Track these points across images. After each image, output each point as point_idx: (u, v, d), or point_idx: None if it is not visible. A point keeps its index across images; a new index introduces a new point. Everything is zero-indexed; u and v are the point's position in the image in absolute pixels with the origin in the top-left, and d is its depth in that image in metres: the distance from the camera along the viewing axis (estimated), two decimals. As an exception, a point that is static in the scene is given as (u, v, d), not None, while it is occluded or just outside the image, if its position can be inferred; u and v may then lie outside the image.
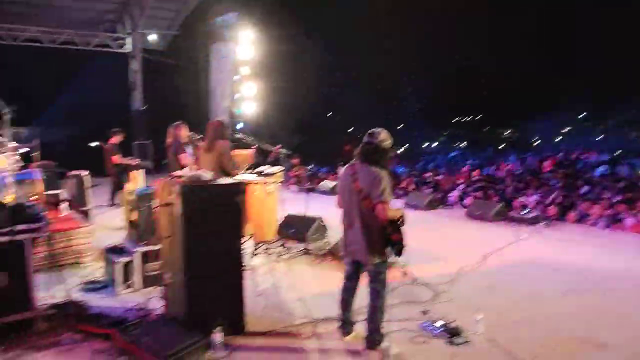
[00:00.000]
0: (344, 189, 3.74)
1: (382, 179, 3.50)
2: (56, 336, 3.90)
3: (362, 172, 3.59)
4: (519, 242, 7.22)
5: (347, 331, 3.88)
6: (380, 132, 3.66)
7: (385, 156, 3.66)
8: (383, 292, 3.68)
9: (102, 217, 8.62)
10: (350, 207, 3.67)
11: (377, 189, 3.48)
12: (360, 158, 3.66)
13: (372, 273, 3.67)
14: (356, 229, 3.64)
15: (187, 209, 3.70)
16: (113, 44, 18.90)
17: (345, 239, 3.79)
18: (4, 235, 3.81)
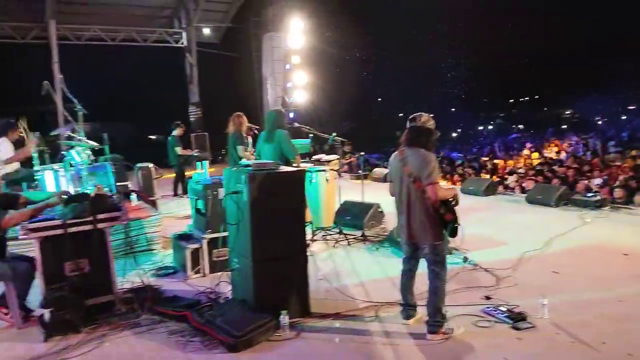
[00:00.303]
0: (395, 175, 3.81)
1: (430, 161, 3.58)
2: (135, 318, 4.19)
3: (410, 156, 3.67)
4: (583, 226, 7.00)
5: (409, 315, 3.95)
6: (422, 115, 3.76)
7: (430, 138, 3.73)
8: (442, 274, 3.71)
9: (167, 207, 9.04)
10: (403, 192, 3.74)
11: (426, 170, 3.55)
12: (406, 143, 3.75)
13: (429, 255, 3.72)
14: (410, 212, 3.71)
15: (255, 196, 3.87)
16: (170, 39, 19.51)
17: (400, 224, 3.86)
18: (87, 224, 4.12)
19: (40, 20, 16.93)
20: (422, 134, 3.70)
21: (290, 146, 5.71)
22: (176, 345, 3.69)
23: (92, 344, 3.74)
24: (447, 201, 3.65)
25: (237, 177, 4.07)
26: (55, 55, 16.54)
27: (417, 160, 3.62)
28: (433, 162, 3.59)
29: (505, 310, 4.02)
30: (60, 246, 4.04)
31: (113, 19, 18.06)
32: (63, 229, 4.02)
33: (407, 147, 3.73)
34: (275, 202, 3.96)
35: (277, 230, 3.98)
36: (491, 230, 6.98)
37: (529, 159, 15.16)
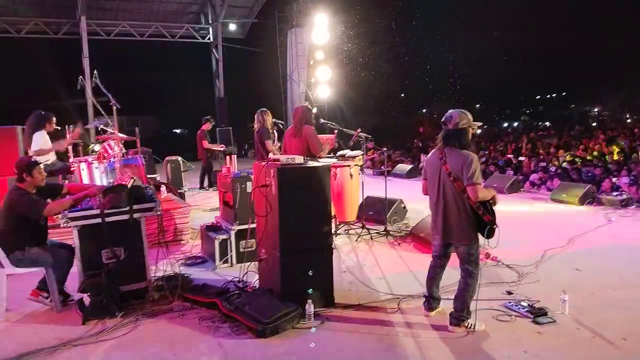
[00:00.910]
0: (433, 173, 3.81)
1: (473, 162, 3.55)
2: (167, 304, 4.38)
3: (450, 155, 3.66)
4: (608, 224, 6.98)
5: (432, 307, 4.05)
6: (453, 116, 3.70)
7: (466, 137, 3.71)
8: (475, 272, 3.76)
9: (194, 199, 9.28)
10: (440, 191, 3.74)
11: (468, 171, 3.53)
12: (443, 143, 3.75)
13: (464, 254, 3.75)
14: (447, 211, 3.72)
15: (283, 189, 4.01)
16: (196, 35, 19.81)
17: (435, 221, 3.88)
18: (123, 214, 4.33)
19: (72, 17, 17.42)
20: (456, 136, 3.68)
21: (317, 142, 5.85)
22: (206, 330, 3.86)
23: (126, 327, 3.94)
24: (486, 202, 3.65)
25: (267, 171, 4.22)
26: (85, 50, 17.00)
27: (458, 160, 3.61)
28: (475, 163, 3.57)
29: (526, 305, 4.10)
30: (97, 235, 4.26)
31: (141, 15, 18.47)
32: (101, 218, 4.24)
33: (445, 146, 3.73)
34: (303, 196, 4.09)
35: (304, 223, 4.12)
36: (514, 228, 7.00)
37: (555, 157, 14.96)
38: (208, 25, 19.77)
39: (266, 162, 4.27)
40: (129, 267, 4.43)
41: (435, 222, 3.88)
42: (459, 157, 3.61)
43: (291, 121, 6.16)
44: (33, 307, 4.40)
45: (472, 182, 3.53)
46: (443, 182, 3.72)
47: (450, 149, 3.68)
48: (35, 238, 4.36)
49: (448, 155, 3.68)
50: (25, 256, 4.25)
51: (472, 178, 3.53)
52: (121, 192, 4.36)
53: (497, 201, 3.76)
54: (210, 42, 20.02)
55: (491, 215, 3.65)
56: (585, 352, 3.43)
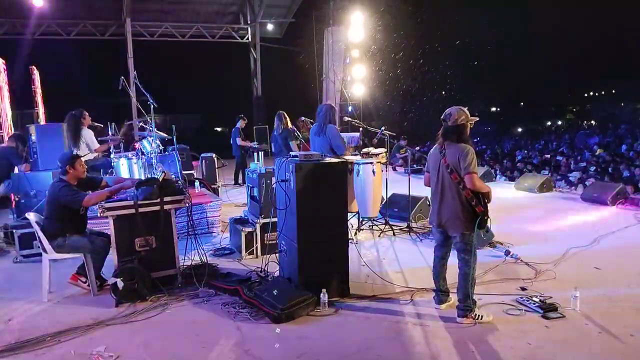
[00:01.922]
0: (434, 166, 4.03)
1: (468, 153, 3.78)
2: (194, 290, 4.69)
3: (449, 148, 3.89)
4: (637, 225, 6.86)
5: (441, 300, 4.19)
6: (451, 113, 3.92)
7: (464, 132, 3.91)
8: (471, 261, 3.89)
9: (228, 194, 9.64)
10: (439, 182, 3.96)
11: (465, 161, 3.76)
12: (443, 138, 3.97)
13: (460, 244, 3.91)
14: (444, 202, 3.93)
15: (301, 184, 4.24)
16: (235, 35, 20.30)
17: (434, 211, 4.08)
18: (155, 205, 4.66)
19: (118, 19, 18.23)
20: (455, 131, 3.90)
21: (340, 140, 6.05)
22: (227, 314, 4.14)
23: (155, 310, 4.26)
24: (479, 194, 3.82)
25: (286, 167, 4.46)
26: (130, 51, 17.75)
27: (456, 152, 3.83)
28: (471, 154, 3.79)
29: (538, 301, 4.17)
30: (131, 224, 4.61)
31: (183, 16, 19.10)
32: (135, 209, 4.58)
33: (445, 141, 3.96)
34: (320, 190, 4.31)
35: (321, 215, 4.33)
36: (540, 227, 7.00)
37: (594, 156, 14.61)
38: (247, 26, 20.22)
39: (286, 158, 4.51)
40: (159, 255, 4.76)
41: (434, 212, 4.07)
42: (456, 149, 3.83)
43: (316, 119, 6.39)
44: (72, 291, 4.80)
45: (469, 172, 3.75)
46: (442, 174, 3.93)
47: (449, 143, 3.90)
48: (75, 226, 4.75)
49: (447, 148, 3.90)
50: (67, 243, 4.64)
51: (469, 167, 3.75)
52: (153, 185, 4.68)
53: (491, 198, 3.88)
54: (248, 41, 20.48)
55: (483, 206, 3.82)
56: (590, 345, 3.50)
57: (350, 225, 6.02)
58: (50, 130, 7.19)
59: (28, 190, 6.56)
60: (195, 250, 5.16)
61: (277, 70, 21.73)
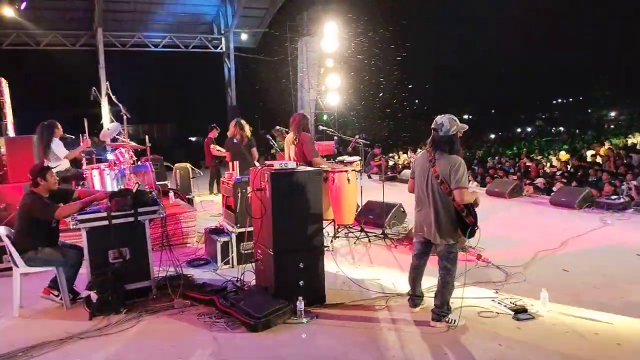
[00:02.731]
0: (421, 173, 4.02)
1: (460, 166, 3.76)
2: (169, 302, 4.65)
3: (440, 158, 3.86)
4: (603, 227, 7.10)
5: (416, 303, 4.26)
6: (443, 123, 3.87)
7: (455, 144, 3.90)
8: (453, 270, 3.96)
9: (202, 204, 9.59)
10: (428, 191, 3.94)
11: (456, 175, 3.74)
12: (433, 147, 3.95)
13: (444, 252, 3.95)
14: (432, 211, 3.91)
15: (276, 193, 4.28)
16: (209, 45, 20.27)
17: (419, 220, 4.09)
18: (129, 217, 4.63)
19: (89, 29, 18.02)
20: (446, 142, 3.87)
21: (312, 148, 6.13)
22: (203, 325, 4.12)
23: (130, 322, 4.21)
24: (470, 205, 3.84)
25: (261, 176, 4.49)
26: (102, 61, 17.55)
27: (447, 164, 3.80)
28: (462, 168, 3.78)
29: (509, 303, 4.28)
30: (105, 236, 4.56)
31: (156, 26, 18.99)
32: (108, 220, 4.55)
33: (436, 150, 3.93)
34: (294, 199, 4.35)
35: (296, 224, 4.37)
36: (510, 231, 7.17)
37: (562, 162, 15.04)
38: (220, 36, 20.22)
39: (261, 167, 4.55)
40: (133, 267, 4.71)
41: (419, 220, 4.09)
42: (448, 161, 3.81)
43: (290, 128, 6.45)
44: (45, 304, 4.71)
45: (459, 186, 3.74)
46: (431, 183, 3.92)
47: (441, 153, 3.88)
48: (47, 239, 4.67)
49: (438, 158, 3.87)
50: (38, 256, 4.56)
51: (460, 182, 3.74)
52: (126, 196, 4.66)
53: (479, 202, 3.94)
54: (222, 51, 20.46)
55: (473, 217, 3.84)
56: (558, 344, 3.62)
57: (326, 233, 6.07)
58: (20, 142, 7.06)
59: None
60: (170, 261, 5.13)
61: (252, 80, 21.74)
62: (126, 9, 18.13)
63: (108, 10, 17.71)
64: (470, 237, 3.92)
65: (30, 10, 15.47)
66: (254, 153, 7.11)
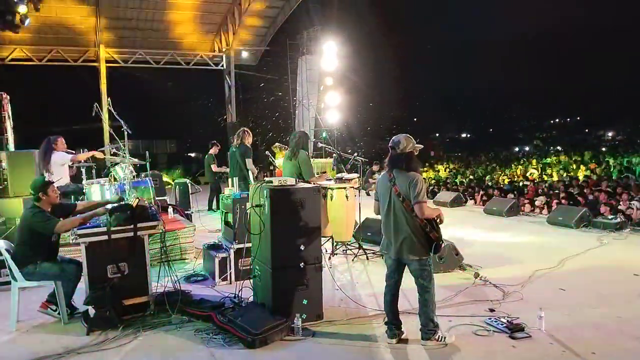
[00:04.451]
0: (384, 194, 4.06)
1: (418, 182, 3.82)
2: (166, 317, 4.65)
3: (398, 177, 3.92)
4: (600, 247, 7.13)
5: (394, 334, 4.06)
6: (400, 141, 3.95)
7: (412, 161, 3.97)
8: (430, 286, 3.95)
9: (202, 220, 9.59)
10: (391, 211, 3.98)
11: (414, 190, 3.79)
12: (391, 166, 4.01)
13: (417, 270, 3.94)
14: (398, 229, 3.94)
15: (274, 209, 4.32)
16: (210, 62, 20.47)
17: (388, 241, 4.08)
18: (128, 232, 4.66)
19: (90, 45, 18.22)
20: (403, 160, 3.94)
21: (308, 167, 6.22)
22: (201, 341, 4.13)
23: (127, 338, 4.22)
24: (432, 220, 3.89)
25: (260, 192, 4.54)
26: (103, 77, 17.71)
27: (405, 181, 3.86)
28: (420, 183, 3.83)
29: (505, 322, 4.29)
30: (104, 251, 4.58)
31: (157, 43, 19.20)
32: (107, 235, 4.57)
33: (393, 169, 3.99)
34: (293, 215, 4.39)
35: (294, 240, 4.40)
36: (508, 250, 7.20)
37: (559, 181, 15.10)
38: (221, 53, 20.43)
39: (260, 184, 4.59)
40: (132, 282, 4.71)
41: (388, 241, 4.08)
42: (406, 178, 3.87)
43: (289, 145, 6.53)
44: (42, 319, 4.71)
45: (418, 201, 3.78)
46: (393, 202, 3.96)
47: (399, 170, 3.94)
48: (46, 253, 4.69)
49: (396, 177, 3.93)
50: (37, 270, 4.58)
51: (418, 197, 3.78)
52: (126, 212, 4.69)
53: (442, 219, 3.97)
54: (223, 69, 20.66)
55: (437, 232, 3.89)
56: (554, 364, 3.63)
57: (324, 250, 6.09)
58: (21, 156, 7.12)
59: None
60: (168, 277, 5.14)
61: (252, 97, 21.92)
62: (128, 25, 18.35)
63: (110, 28, 17.94)
64: (436, 253, 3.94)
65: (32, 26, 15.65)
66: (249, 164, 7.12)
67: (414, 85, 31.15)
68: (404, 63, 27.19)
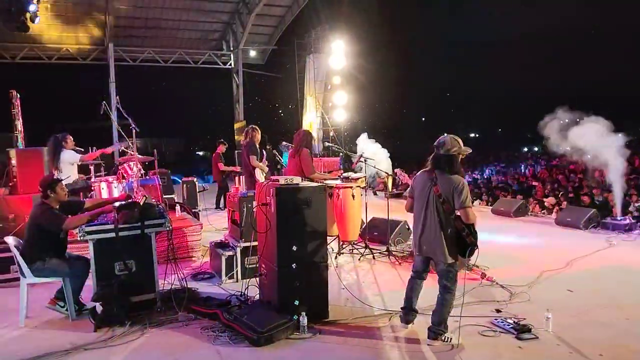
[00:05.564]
0: (422, 192, 4.04)
1: (464, 187, 3.80)
2: (173, 315, 4.67)
3: (441, 178, 3.89)
4: (608, 248, 7.07)
5: (408, 319, 4.24)
6: (445, 142, 3.92)
7: (456, 163, 3.92)
8: (453, 288, 3.98)
9: (209, 218, 9.64)
10: (428, 210, 3.96)
11: (460, 196, 3.78)
12: (434, 166, 3.98)
13: (444, 271, 3.96)
14: (432, 230, 3.94)
15: (280, 208, 4.32)
16: (218, 61, 20.54)
17: (419, 239, 4.10)
18: (135, 229, 4.68)
19: (100, 44, 18.33)
20: (446, 162, 3.91)
21: (309, 164, 6.24)
22: (207, 338, 4.14)
23: (134, 334, 4.24)
24: (471, 225, 3.88)
25: (267, 191, 4.55)
26: (112, 75, 17.83)
27: (449, 184, 3.83)
28: (465, 188, 3.81)
29: (512, 322, 4.27)
30: (111, 248, 4.61)
31: (166, 42, 19.30)
32: (115, 232, 4.60)
33: (436, 169, 3.96)
34: (299, 214, 4.39)
35: (300, 239, 4.40)
36: (515, 250, 7.16)
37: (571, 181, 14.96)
38: (229, 52, 20.49)
39: (267, 182, 4.60)
40: (139, 279, 4.75)
41: (419, 238, 4.10)
42: (450, 181, 3.84)
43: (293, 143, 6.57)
44: (50, 315, 4.75)
45: (465, 206, 3.78)
46: (432, 202, 3.93)
47: (441, 172, 3.91)
48: (55, 250, 4.73)
49: (439, 177, 3.91)
50: (45, 267, 4.62)
51: (465, 202, 3.78)
52: (134, 209, 4.72)
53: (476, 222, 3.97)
54: (231, 68, 20.72)
55: (474, 237, 3.89)
56: (561, 365, 3.61)
57: (331, 249, 6.09)
58: (30, 154, 7.17)
59: (6, 214, 6.50)
60: (175, 275, 5.17)
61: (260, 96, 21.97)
62: (137, 24, 18.47)
63: (119, 26, 18.05)
64: (469, 256, 3.97)
65: (42, 24, 15.78)
66: (253, 162, 7.17)
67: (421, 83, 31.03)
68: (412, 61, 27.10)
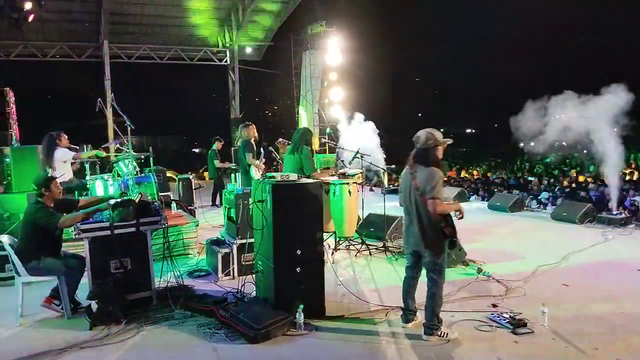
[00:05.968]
0: (405, 187, 4.11)
1: (434, 177, 3.84)
2: (169, 312, 4.66)
3: (419, 171, 3.96)
4: (604, 243, 7.09)
5: (408, 319, 4.25)
6: (420, 136, 3.98)
7: (432, 156, 3.96)
8: (440, 281, 3.99)
9: (205, 216, 9.62)
10: (411, 204, 4.02)
11: (429, 185, 3.82)
12: (414, 161, 4.04)
13: (429, 264, 3.99)
14: (415, 223, 3.99)
15: (277, 205, 4.31)
16: (214, 58, 20.47)
17: (406, 233, 4.15)
18: (130, 227, 4.67)
19: (95, 41, 18.25)
20: (422, 155, 3.97)
21: (309, 162, 6.22)
22: (203, 335, 4.14)
23: (130, 332, 4.23)
24: (447, 216, 3.91)
25: (263, 187, 4.53)
26: (107, 73, 17.75)
27: (424, 175, 3.91)
28: (437, 178, 3.85)
29: (508, 317, 4.28)
30: (107, 246, 4.60)
31: (161, 39, 19.22)
32: (110, 230, 4.58)
33: (415, 163, 4.03)
34: (295, 211, 4.38)
35: (297, 235, 4.39)
36: (511, 245, 7.17)
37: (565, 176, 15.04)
38: (225, 49, 20.42)
39: (262, 179, 4.59)
40: (135, 277, 4.74)
41: (406, 232, 4.15)
42: (425, 173, 3.90)
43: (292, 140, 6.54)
44: (46, 314, 4.73)
45: (432, 196, 3.81)
46: (413, 196, 3.99)
47: (419, 166, 3.97)
48: (50, 249, 4.70)
49: (418, 171, 3.97)
50: (41, 265, 4.59)
51: (432, 192, 3.81)
52: (129, 207, 4.70)
53: (463, 215, 4.04)
54: (227, 64, 20.65)
55: (451, 227, 3.91)
56: (556, 359, 3.61)
57: (327, 245, 6.09)
58: (25, 152, 7.14)
59: (1, 213, 6.47)
60: (171, 272, 5.15)
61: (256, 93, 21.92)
62: (132, 21, 18.38)
63: (114, 23, 17.96)
64: (451, 248, 4.01)
65: (37, 22, 15.68)
66: (248, 159, 7.15)
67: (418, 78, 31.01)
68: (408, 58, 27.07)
